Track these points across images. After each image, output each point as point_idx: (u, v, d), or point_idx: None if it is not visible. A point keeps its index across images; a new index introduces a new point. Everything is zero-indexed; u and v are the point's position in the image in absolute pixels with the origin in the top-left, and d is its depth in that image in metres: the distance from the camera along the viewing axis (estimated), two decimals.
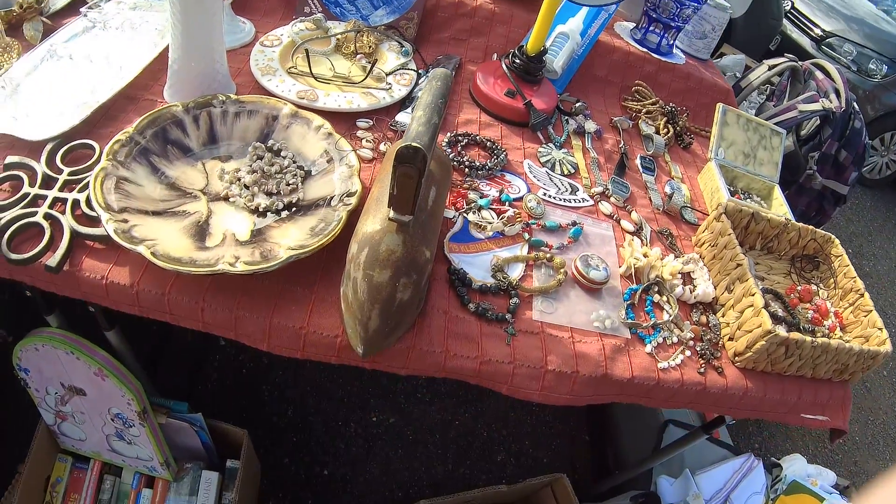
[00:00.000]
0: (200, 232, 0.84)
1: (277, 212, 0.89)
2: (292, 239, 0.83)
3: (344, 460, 1.53)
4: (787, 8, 4.12)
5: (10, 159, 0.90)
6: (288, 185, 0.91)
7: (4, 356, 1.11)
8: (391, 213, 0.72)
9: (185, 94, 1.03)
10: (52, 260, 0.78)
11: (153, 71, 1.10)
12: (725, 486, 1.41)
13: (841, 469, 2.17)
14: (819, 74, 1.55)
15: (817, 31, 4.00)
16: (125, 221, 0.79)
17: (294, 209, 0.89)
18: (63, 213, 0.85)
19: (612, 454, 1.63)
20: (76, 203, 0.86)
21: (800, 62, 1.61)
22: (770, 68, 1.60)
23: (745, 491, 1.42)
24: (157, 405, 1.21)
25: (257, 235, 0.85)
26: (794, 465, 1.52)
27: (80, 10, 1.22)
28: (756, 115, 1.62)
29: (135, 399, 1.10)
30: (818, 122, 1.53)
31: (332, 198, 0.89)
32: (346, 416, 1.61)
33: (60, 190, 0.88)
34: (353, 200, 0.85)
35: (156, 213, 0.85)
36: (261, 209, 0.89)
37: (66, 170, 0.90)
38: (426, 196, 0.80)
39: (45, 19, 1.22)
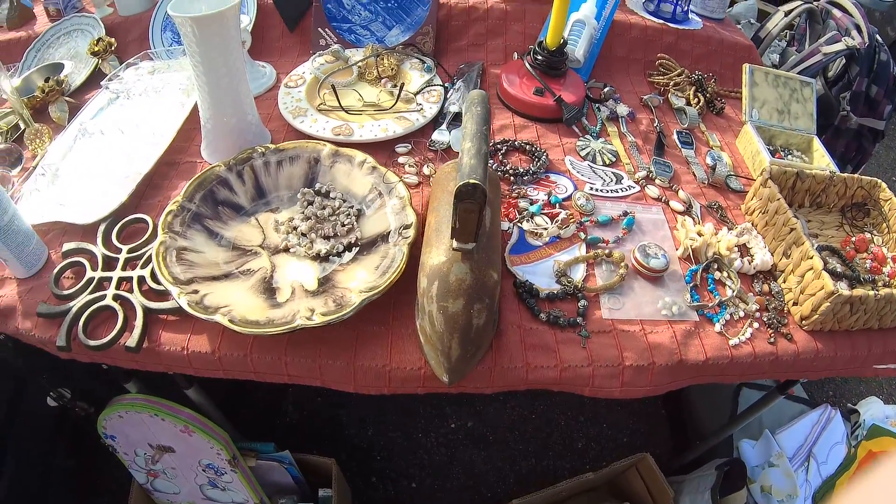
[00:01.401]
0: (269, 289, 0.86)
1: (338, 254, 0.90)
2: (360, 281, 0.85)
3: (429, 471, 1.56)
4: None
5: (68, 246, 0.93)
6: (343, 225, 0.93)
7: (90, 425, 1.15)
8: (455, 244, 0.73)
9: (223, 150, 1.05)
10: (132, 341, 0.81)
11: (186, 131, 1.13)
12: (807, 441, 1.41)
13: None
14: (837, 12, 1.51)
15: None
16: (196, 292, 0.81)
17: (355, 249, 0.91)
18: (131, 291, 0.87)
19: (690, 425, 1.63)
20: (142, 279, 0.88)
21: (815, 2, 1.57)
22: (786, 14, 1.57)
23: (827, 442, 1.41)
24: (245, 450, 1.24)
25: (325, 283, 0.87)
26: (872, 409, 1.51)
27: (101, 83, 1.24)
28: (780, 62, 1.59)
29: (224, 448, 1.13)
30: (844, 61, 1.49)
31: (388, 233, 0.90)
32: (424, 427, 1.64)
33: (123, 269, 0.90)
34: (411, 233, 0.87)
35: (222, 277, 0.87)
36: (322, 254, 0.90)
37: (124, 248, 0.93)
38: (483, 219, 0.81)
39: (68, 98, 1.26)
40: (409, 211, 0.90)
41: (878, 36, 1.49)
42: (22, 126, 1.20)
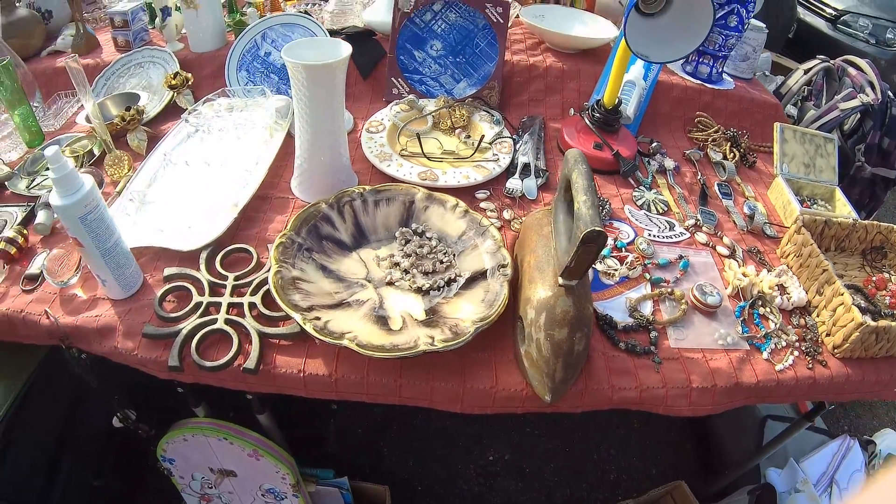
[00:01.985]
0: (381, 318, 1.05)
1: (439, 288, 1.12)
2: (467, 312, 1.06)
3: (468, 500, 1.78)
4: None
5: (169, 271, 1.10)
6: (441, 262, 1.16)
7: (146, 447, 1.30)
8: (561, 280, 0.97)
9: (316, 188, 1.26)
10: (250, 363, 0.97)
11: (274, 168, 1.33)
12: (829, 469, 1.67)
13: None
14: (852, 71, 1.83)
15: (830, 11, 4.33)
16: (318, 318, 0.99)
17: (455, 285, 1.13)
18: (242, 316, 1.04)
19: (717, 456, 1.89)
20: (252, 305, 1.06)
21: (831, 61, 1.89)
22: (805, 72, 1.89)
23: (847, 470, 1.68)
24: (306, 475, 1.41)
25: (432, 314, 1.07)
26: (888, 440, 1.80)
27: (182, 116, 1.44)
28: (798, 115, 1.90)
29: (290, 473, 1.30)
30: (859, 116, 1.81)
31: (485, 270, 1.13)
32: (464, 458, 1.86)
33: (231, 295, 1.08)
34: (510, 271, 1.10)
35: (336, 306, 1.05)
36: (424, 288, 1.12)
37: (230, 275, 1.11)
38: None
39: (145, 128, 1.45)
40: (505, 252, 1.14)
41: (890, 92, 1.81)
42: (97, 152, 1.39)
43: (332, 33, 1.57)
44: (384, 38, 1.57)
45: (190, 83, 1.54)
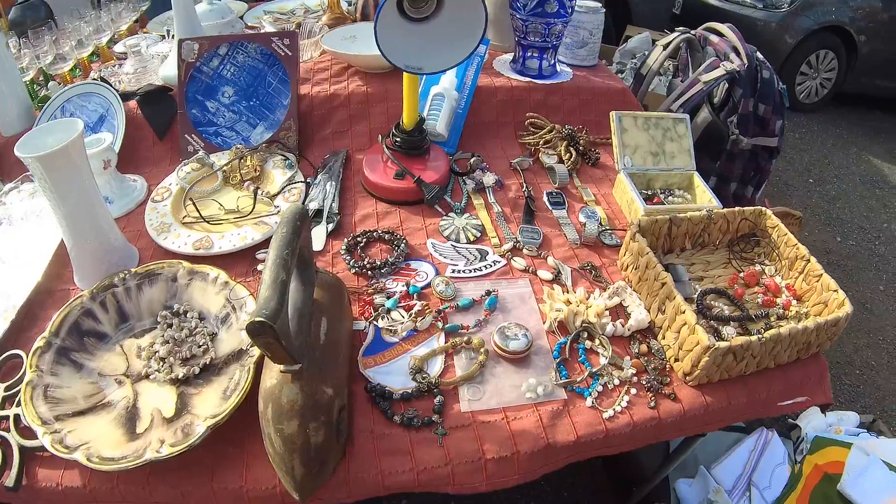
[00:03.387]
0: (130, 419, 0.88)
1: (196, 377, 0.93)
2: (210, 405, 0.87)
3: None
4: None
5: None
6: (199, 346, 0.96)
7: None
8: (281, 367, 0.76)
9: (91, 275, 1.08)
10: (10, 480, 0.84)
11: (62, 257, 1.14)
12: (745, 470, 1.42)
13: (867, 399, 2.17)
14: (714, 38, 1.57)
15: None
16: (58, 431, 0.84)
17: (210, 371, 0.93)
18: (8, 430, 0.89)
19: (628, 471, 1.65)
20: (18, 417, 0.90)
21: (692, 31, 1.63)
22: (664, 47, 1.62)
23: (768, 467, 1.42)
24: None
25: (182, 409, 0.88)
26: (813, 421, 1.52)
27: None
28: (667, 94, 1.64)
29: None
30: (726, 85, 1.54)
31: (240, 350, 0.93)
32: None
33: (2, 407, 0.92)
34: (257, 351, 0.89)
35: (86, 412, 0.89)
36: (180, 378, 0.92)
37: (2, 386, 0.95)
38: (316, 332, 0.84)
39: None
40: None
41: (758, 54, 1.54)
42: None
43: (127, 96, 1.37)
44: None
45: None
